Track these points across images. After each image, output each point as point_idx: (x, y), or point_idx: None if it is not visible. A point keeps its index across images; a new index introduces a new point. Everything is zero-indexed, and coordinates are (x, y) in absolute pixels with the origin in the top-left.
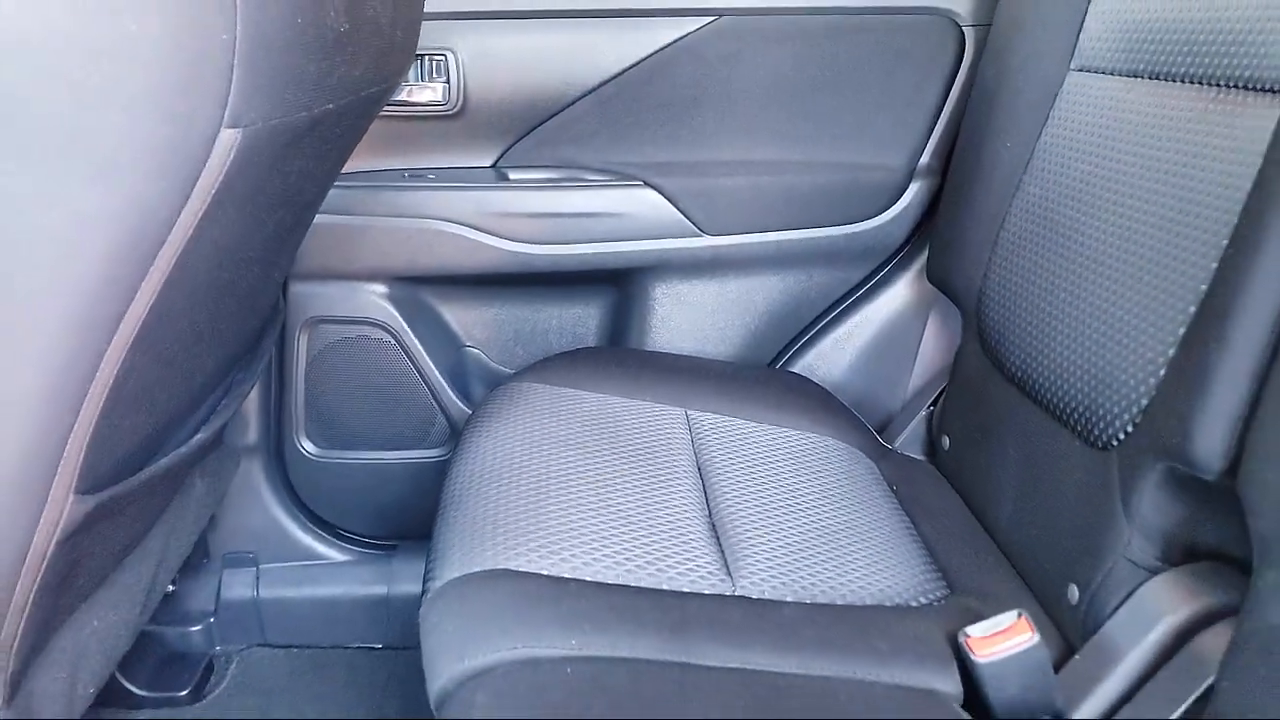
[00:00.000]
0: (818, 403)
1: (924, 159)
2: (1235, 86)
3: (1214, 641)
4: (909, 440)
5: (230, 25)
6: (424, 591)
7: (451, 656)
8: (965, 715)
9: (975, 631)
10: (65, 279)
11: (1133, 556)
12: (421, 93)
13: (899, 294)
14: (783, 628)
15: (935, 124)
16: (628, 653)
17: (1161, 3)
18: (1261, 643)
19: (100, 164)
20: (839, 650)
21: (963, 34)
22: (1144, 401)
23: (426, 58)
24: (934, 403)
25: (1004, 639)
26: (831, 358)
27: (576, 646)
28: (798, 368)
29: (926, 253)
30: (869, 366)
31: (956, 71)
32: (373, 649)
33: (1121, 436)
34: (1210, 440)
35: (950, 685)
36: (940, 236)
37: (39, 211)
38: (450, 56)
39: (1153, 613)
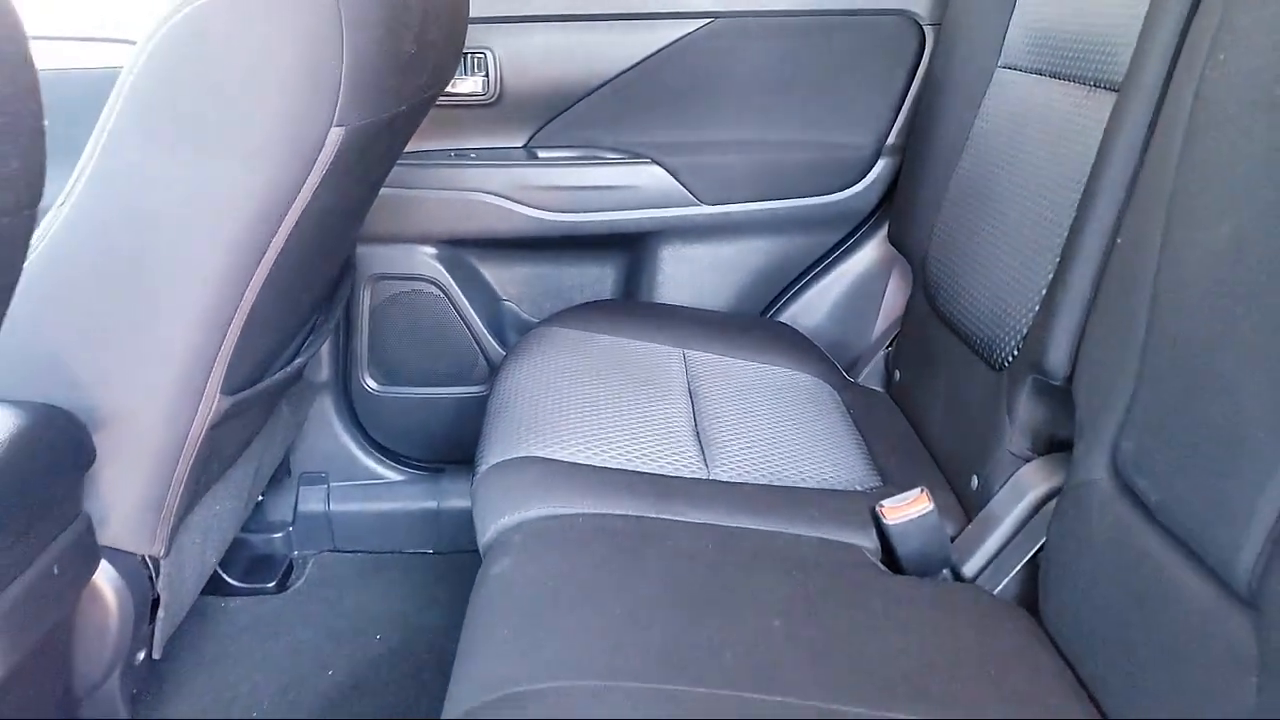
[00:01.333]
0: (795, 345)
1: (890, 139)
2: (1097, 85)
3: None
4: (870, 375)
5: (339, 55)
6: (474, 474)
7: (495, 515)
8: (881, 566)
9: (888, 503)
10: (223, 236)
11: (1013, 449)
12: (465, 85)
13: (867, 254)
14: (741, 499)
15: (900, 109)
16: (624, 511)
17: (1056, 13)
18: (1075, 496)
19: (250, 153)
20: (784, 515)
21: (923, 31)
22: (1024, 331)
23: (469, 55)
24: (890, 344)
25: (908, 507)
26: (811, 308)
27: (586, 507)
28: (784, 317)
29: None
30: (841, 315)
31: (918, 64)
32: (425, 553)
33: (1010, 359)
34: (1059, 356)
35: (870, 543)
36: (898, 205)
37: (207, 187)
38: (489, 54)
39: (1021, 490)
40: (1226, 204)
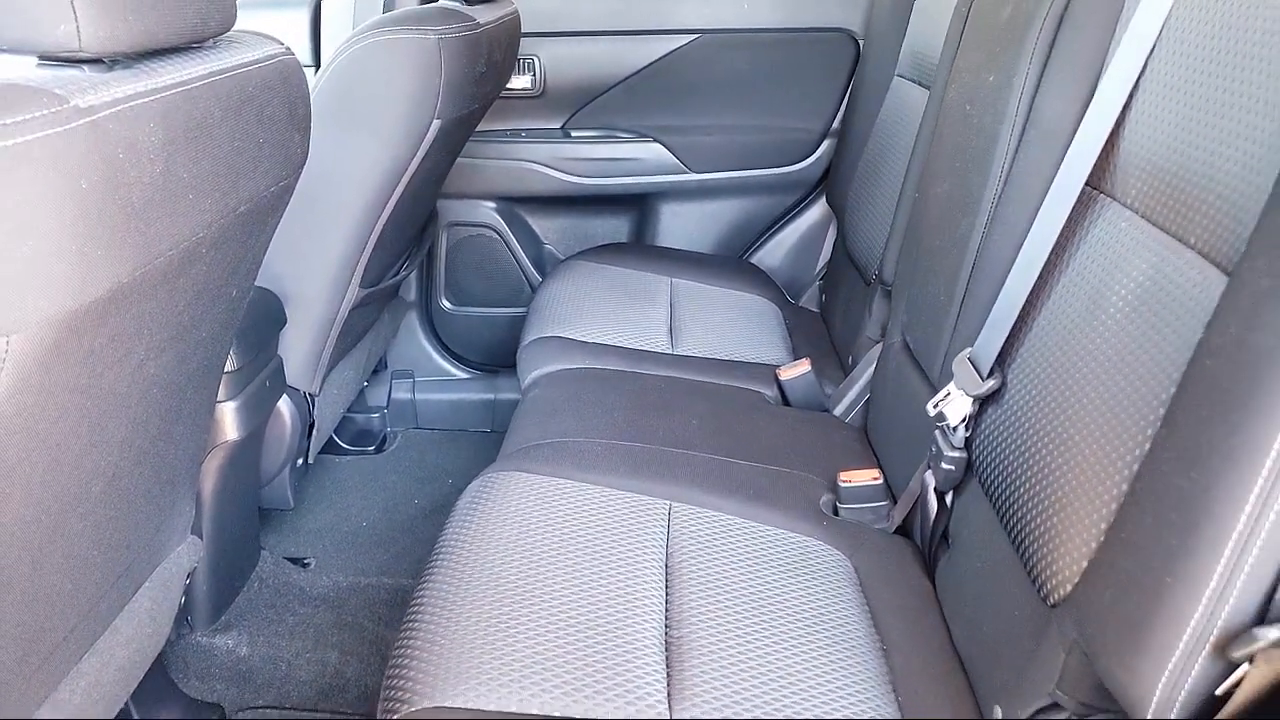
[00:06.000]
0: (755, 278)
1: (834, 125)
2: (929, 88)
3: None
4: (809, 300)
5: (439, 74)
6: (518, 347)
7: (531, 369)
8: (775, 405)
9: (782, 368)
10: (367, 187)
11: (870, 335)
12: (517, 82)
13: (814, 213)
14: (691, 364)
15: (839, 103)
16: (611, 367)
17: (921, 34)
18: (885, 353)
19: (384, 136)
20: (716, 374)
21: (858, 44)
22: (880, 257)
23: (521, 60)
24: (822, 277)
25: (795, 369)
26: (773, 253)
27: (587, 364)
28: (752, 259)
29: None
30: (794, 258)
31: (854, 69)
32: (484, 431)
33: (873, 276)
34: (890, 269)
35: (773, 392)
36: (833, 175)
37: (358, 156)
38: (536, 59)
39: (871, 360)
40: (945, 171)
